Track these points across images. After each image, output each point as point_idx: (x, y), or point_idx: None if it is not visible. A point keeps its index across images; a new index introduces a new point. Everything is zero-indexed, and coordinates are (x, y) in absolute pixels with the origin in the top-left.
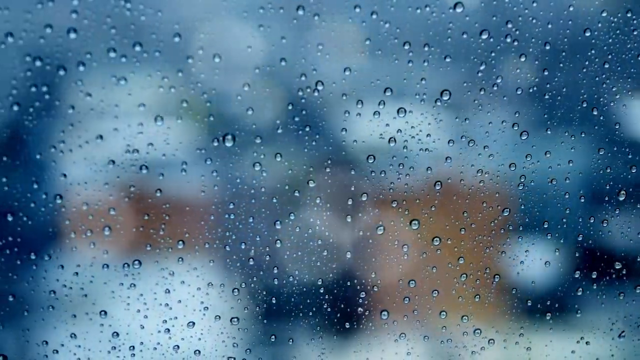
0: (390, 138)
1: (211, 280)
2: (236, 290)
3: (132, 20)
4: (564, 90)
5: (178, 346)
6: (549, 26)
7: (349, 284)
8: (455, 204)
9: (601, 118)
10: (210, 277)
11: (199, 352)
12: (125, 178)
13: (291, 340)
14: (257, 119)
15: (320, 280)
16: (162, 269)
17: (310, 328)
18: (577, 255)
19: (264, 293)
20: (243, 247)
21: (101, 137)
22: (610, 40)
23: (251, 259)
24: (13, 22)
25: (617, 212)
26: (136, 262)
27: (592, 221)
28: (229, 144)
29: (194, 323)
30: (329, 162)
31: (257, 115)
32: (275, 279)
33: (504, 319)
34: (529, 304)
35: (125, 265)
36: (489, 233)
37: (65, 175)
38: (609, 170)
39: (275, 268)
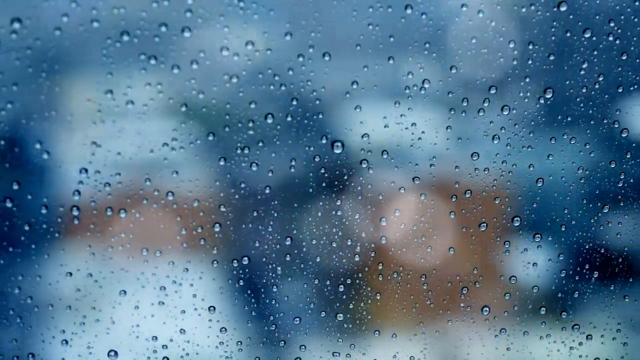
0: (494, 135)
1: (318, 277)
2: (342, 286)
3: (245, 19)
4: None
5: (285, 341)
6: None
7: (451, 279)
8: (557, 201)
9: None
10: (317, 273)
11: (305, 347)
12: (235, 175)
13: (394, 335)
14: (364, 116)
15: (423, 276)
16: (270, 265)
17: (413, 323)
18: None
19: (369, 289)
20: (349, 243)
21: (213, 134)
22: None
23: (357, 255)
24: (128, 21)
25: None
26: (245, 259)
27: None
28: (337, 150)
29: (300, 319)
30: (434, 158)
31: (364, 112)
32: (380, 275)
33: (601, 315)
34: (627, 300)
35: (235, 261)
36: (588, 229)
37: (177, 173)
38: None
39: (380, 264)
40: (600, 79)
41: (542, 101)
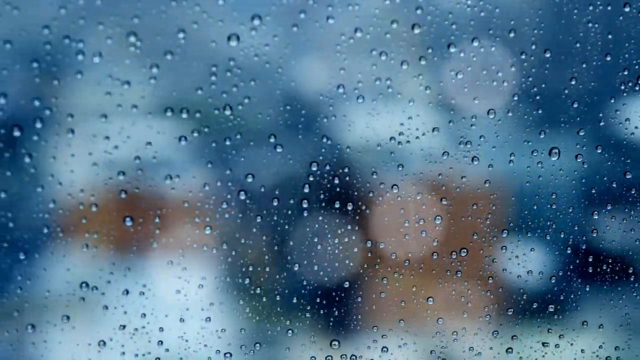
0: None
1: (533, 269)
2: (553, 278)
3: (472, 17)
4: None
5: (497, 332)
6: None
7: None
8: None
9: None
10: (534, 267)
11: (516, 337)
12: (457, 168)
13: (601, 326)
14: (579, 112)
15: (631, 268)
16: (486, 257)
17: (619, 314)
18: None
19: (579, 281)
20: (562, 235)
21: (437, 129)
22: None
23: (568, 249)
24: (362, 18)
25: None
26: (463, 251)
27: None
28: (554, 157)
29: (512, 310)
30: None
31: (579, 109)
32: (590, 268)
33: None
34: None
35: (454, 253)
36: None
37: (403, 166)
38: None
39: (591, 258)
40: None
41: None
